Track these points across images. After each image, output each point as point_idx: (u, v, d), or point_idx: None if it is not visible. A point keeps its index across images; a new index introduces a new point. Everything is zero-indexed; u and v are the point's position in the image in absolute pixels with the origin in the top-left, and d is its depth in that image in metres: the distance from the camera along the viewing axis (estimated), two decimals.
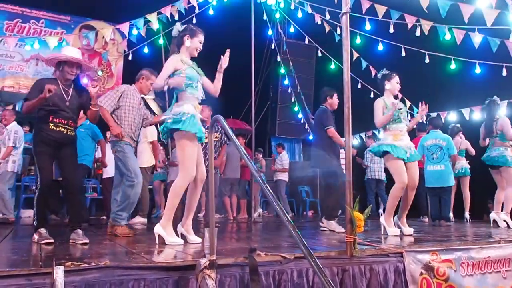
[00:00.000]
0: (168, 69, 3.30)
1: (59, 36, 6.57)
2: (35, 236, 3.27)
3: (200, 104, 3.46)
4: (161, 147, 7.19)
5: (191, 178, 3.26)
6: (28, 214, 7.22)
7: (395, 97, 4.60)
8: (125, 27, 6.55)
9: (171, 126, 3.24)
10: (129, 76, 10.27)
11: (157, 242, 3.26)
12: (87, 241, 3.28)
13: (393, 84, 4.42)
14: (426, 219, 7.13)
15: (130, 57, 7.67)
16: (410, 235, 4.22)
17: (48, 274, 1.89)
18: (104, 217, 7.10)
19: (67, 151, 3.48)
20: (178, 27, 3.44)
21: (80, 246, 3.14)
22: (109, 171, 7.22)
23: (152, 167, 6.17)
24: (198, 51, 3.49)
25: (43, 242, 3.17)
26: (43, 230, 3.28)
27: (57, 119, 3.40)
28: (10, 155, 5.88)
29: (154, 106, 11.15)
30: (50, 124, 3.37)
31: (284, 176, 9.12)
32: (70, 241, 3.27)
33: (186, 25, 3.51)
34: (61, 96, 3.45)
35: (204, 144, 5.26)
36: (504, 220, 5.34)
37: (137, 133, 4.25)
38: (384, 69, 4.54)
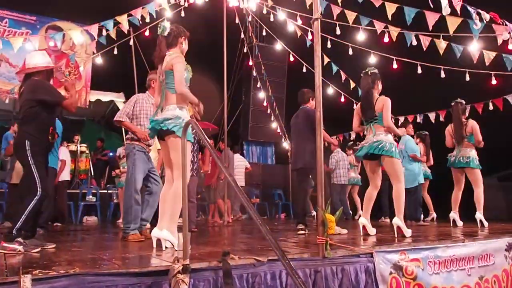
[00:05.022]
0: (183, 73, 3.23)
1: (24, 37, 6.34)
2: (15, 246, 3.04)
3: None
4: None
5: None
6: None
7: None
8: (94, 29, 6.39)
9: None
10: (98, 78, 10.14)
11: (154, 246, 3.23)
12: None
13: (380, 86, 4.51)
14: (388, 220, 7.36)
15: (99, 59, 7.51)
16: (375, 235, 4.34)
17: (14, 283, 1.82)
18: (58, 224, 6.79)
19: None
20: (167, 26, 3.37)
21: (47, 253, 3.05)
22: (63, 175, 6.97)
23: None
24: None
25: (34, 251, 3.08)
26: (20, 239, 3.12)
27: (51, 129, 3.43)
28: None
29: None
30: (50, 136, 3.38)
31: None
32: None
33: (176, 25, 3.45)
34: None
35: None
36: (480, 220, 5.53)
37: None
38: (373, 67, 4.59)
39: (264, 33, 10.07)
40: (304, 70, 8.46)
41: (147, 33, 7.18)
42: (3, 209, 7.16)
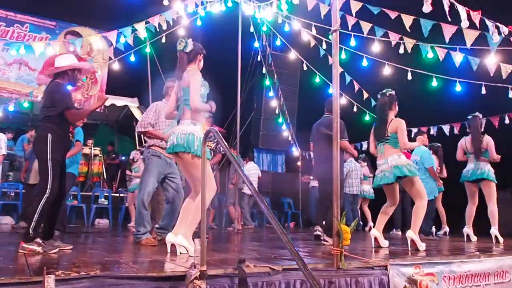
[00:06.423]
0: (199, 88, 3.31)
1: (45, 42, 6.48)
2: (34, 247, 3.10)
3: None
4: None
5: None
6: (5, 221, 7.04)
7: None
8: (112, 35, 6.51)
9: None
10: (114, 83, 10.29)
11: (168, 251, 3.27)
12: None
13: (397, 108, 4.49)
14: (399, 232, 7.30)
15: (115, 65, 7.64)
16: (387, 247, 4.30)
17: (38, 283, 1.86)
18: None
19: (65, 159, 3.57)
20: (190, 42, 3.45)
21: (64, 254, 3.10)
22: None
23: None
24: None
25: (53, 251, 3.13)
26: (39, 240, 3.18)
27: (70, 128, 3.50)
28: None
29: (137, 114, 11.08)
30: (70, 134, 3.51)
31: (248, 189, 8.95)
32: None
33: (196, 42, 3.52)
34: None
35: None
36: (495, 236, 5.46)
37: None
38: (390, 89, 4.54)
39: (278, 42, 10.13)
40: (317, 79, 8.50)
41: (163, 40, 7.29)
42: (18, 209, 7.27)
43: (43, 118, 3.41)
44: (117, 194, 9.15)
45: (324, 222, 4.91)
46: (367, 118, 8.31)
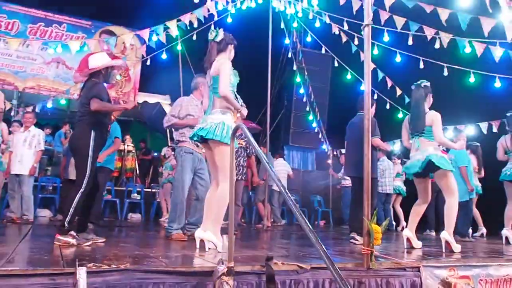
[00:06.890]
0: (229, 76, 3.31)
1: (81, 41, 6.70)
2: (68, 239, 3.20)
3: None
4: None
5: None
6: (43, 213, 7.34)
7: None
8: (145, 33, 6.65)
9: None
10: (147, 80, 10.50)
11: (197, 246, 3.29)
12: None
13: (431, 100, 4.36)
14: (433, 233, 7.09)
15: (148, 62, 7.80)
16: (420, 248, 4.17)
17: (70, 274, 1.93)
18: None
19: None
20: (220, 32, 3.48)
21: (97, 247, 3.19)
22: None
23: None
24: None
25: (86, 244, 3.24)
26: (73, 233, 3.29)
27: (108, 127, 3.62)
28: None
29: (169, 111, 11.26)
30: (107, 133, 3.60)
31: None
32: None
33: (227, 33, 3.52)
34: None
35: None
36: None
37: None
38: (425, 80, 4.41)
39: (309, 39, 10.03)
40: (349, 76, 8.35)
41: (194, 38, 7.36)
42: (56, 203, 7.56)
43: (83, 114, 3.47)
44: (150, 190, 9.36)
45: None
46: (400, 115, 8.09)
